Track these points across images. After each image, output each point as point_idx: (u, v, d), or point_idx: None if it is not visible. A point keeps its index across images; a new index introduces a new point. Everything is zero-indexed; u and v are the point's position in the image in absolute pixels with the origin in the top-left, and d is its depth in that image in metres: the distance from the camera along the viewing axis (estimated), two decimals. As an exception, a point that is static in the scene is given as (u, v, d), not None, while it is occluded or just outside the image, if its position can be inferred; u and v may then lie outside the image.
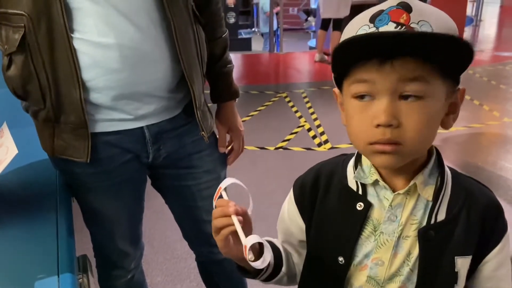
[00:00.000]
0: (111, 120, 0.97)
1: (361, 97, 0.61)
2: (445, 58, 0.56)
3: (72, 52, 0.87)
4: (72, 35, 0.87)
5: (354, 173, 0.70)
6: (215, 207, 0.67)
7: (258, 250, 0.69)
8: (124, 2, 0.89)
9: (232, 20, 9.23)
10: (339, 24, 5.67)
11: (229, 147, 1.24)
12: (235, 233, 0.64)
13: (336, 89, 0.69)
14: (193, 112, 1.04)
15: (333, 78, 0.66)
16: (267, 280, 0.77)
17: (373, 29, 0.57)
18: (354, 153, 0.73)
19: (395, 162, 0.61)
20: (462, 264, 0.67)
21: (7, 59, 0.90)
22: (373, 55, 0.57)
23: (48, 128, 0.96)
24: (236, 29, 9.31)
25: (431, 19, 0.57)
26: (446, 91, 0.61)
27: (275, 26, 8.09)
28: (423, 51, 0.55)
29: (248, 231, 0.65)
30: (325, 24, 5.97)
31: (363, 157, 0.71)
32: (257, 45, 9.52)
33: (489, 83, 5.08)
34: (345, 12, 5.67)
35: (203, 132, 1.08)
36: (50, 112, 0.92)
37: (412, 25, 0.56)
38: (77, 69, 0.88)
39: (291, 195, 0.79)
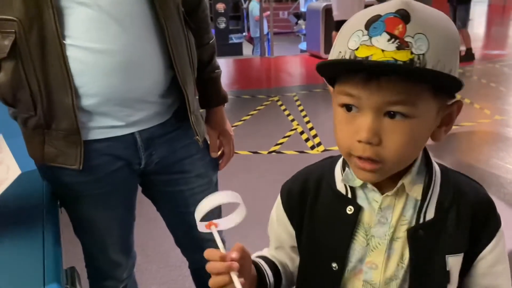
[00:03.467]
0: (102, 127, 0.96)
1: (348, 108, 0.59)
2: (432, 84, 0.55)
3: (65, 58, 0.86)
4: (63, 41, 0.86)
5: (342, 175, 0.69)
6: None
7: (256, 276, 0.68)
8: (116, 7, 0.88)
9: (222, 25, 9.25)
10: None
11: (220, 152, 1.24)
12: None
13: (331, 88, 0.68)
14: (183, 117, 1.04)
15: (325, 80, 0.66)
16: None
17: (366, 38, 0.54)
18: (341, 155, 0.72)
19: (375, 179, 0.61)
20: (454, 262, 0.66)
21: None
22: (361, 71, 0.56)
23: (38, 135, 0.94)
24: (226, 34, 9.34)
25: (430, 32, 0.54)
26: (438, 106, 0.59)
27: (265, 30, 8.11)
28: (413, 77, 0.54)
29: (247, 267, 0.63)
30: (338, 26, 5.96)
31: None
32: (248, 50, 9.54)
33: (479, 81, 5.12)
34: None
35: (197, 137, 1.07)
36: (41, 119, 0.91)
37: (406, 39, 0.53)
38: (69, 75, 0.87)
39: (278, 201, 0.77)
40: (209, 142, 1.18)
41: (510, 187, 2.67)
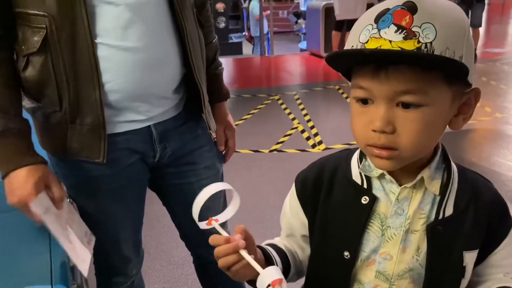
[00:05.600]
0: (122, 122, 0.99)
1: (363, 101, 0.61)
2: (440, 69, 0.56)
3: (95, 55, 0.89)
4: (95, 40, 0.88)
5: (359, 166, 0.70)
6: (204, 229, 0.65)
7: (264, 260, 0.69)
8: (141, 7, 0.92)
9: (222, 25, 9.25)
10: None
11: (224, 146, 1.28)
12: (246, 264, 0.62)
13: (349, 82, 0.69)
14: (193, 110, 1.10)
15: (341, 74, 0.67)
16: None
17: (375, 31, 0.56)
18: (358, 147, 0.72)
19: (392, 166, 0.62)
20: (469, 258, 0.68)
21: (23, 60, 0.90)
22: (369, 62, 0.57)
23: (61, 130, 0.95)
24: (226, 33, 9.33)
25: (437, 20, 0.55)
26: (453, 94, 0.60)
27: (265, 30, 8.11)
28: (417, 63, 0.55)
29: (252, 248, 0.64)
30: (338, 25, 5.95)
31: None
32: (248, 49, 9.54)
33: (480, 79, 5.12)
34: (362, 12, 5.66)
35: (210, 130, 1.14)
36: (66, 113, 0.93)
37: (413, 29, 0.54)
38: (98, 71, 0.90)
39: (293, 190, 0.78)
40: (215, 136, 1.22)
41: (511, 185, 2.68)
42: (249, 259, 0.60)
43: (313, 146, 3.43)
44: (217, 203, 1.23)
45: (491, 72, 5.48)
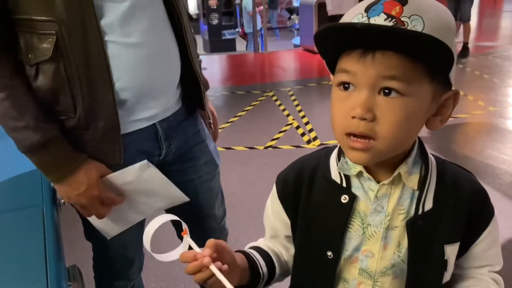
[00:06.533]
0: (131, 122, 0.97)
1: (345, 87, 0.60)
2: (426, 56, 0.56)
3: (106, 55, 0.87)
4: (104, 38, 0.88)
5: (337, 165, 0.70)
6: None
7: (247, 265, 0.69)
8: (142, 1, 0.91)
9: (215, 22, 9.21)
10: None
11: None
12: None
13: (332, 76, 0.69)
14: (191, 105, 1.12)
15: (326, 65, 0.66)
16: (266, 285, 0.77)
17: (365, 19, 0.57)
18: (337, 146, 0.73)
19: (367, 160, 0.61)
20: (451, 251, 0.68)
21: (33, 69, 0.86)
22: (357, 46, 0.57)
23: (74, 137, 0.92)
24: (219, 30, 9.29)
25: (425, 14, 0.56)
26: (434, 91, 0.60)
27: (259, 26, 8.09)
28: (404, 47, 0.55)
29: (227, 258, 0.64)
30: (331, 21, 5.94)
31: None
32: (242, 46, 9.52)
33: (473, 73, 5.14)
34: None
35: (210, 120, 1.17)
36: (80, 120, 0.90)
37: (403, 19, 0.55)
38: (109, 72, 0.88)
39: (274, 191, 0.78)
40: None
41: (505, 178, 2.70)
42: (218, 274, 0.60)
43: (308, 142, 3.43)
44: (216, 198, 1.23)
45: (484, 66, 5.51)
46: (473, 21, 6.11)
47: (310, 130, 3.65)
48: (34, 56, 0.85)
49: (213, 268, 0.60)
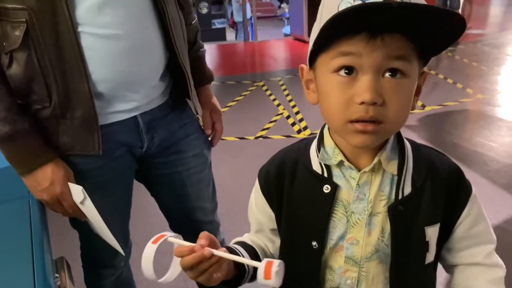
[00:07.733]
0: (109, 113, 0.97)
1: (346, 72, 0.58)
2: (436, 33, 0.55)
3: (79, 45, 0.86)
4: (77, 29, 0.86)
5: (318, 155, 0.70)
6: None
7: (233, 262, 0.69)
8: None
9: (205, 11, 9.11)
10: None
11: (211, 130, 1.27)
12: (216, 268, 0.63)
13: (304, 66, 0.67)
14: (179, 98, 1.09)
15: (308, 53, 0.64)
16: (252, 280, 0.76)
17: (358, 2, 0.54)
18: (315, 136, 0.73)
19: (373, 142, 0.61)
20: (432, 233, 0.69)
21: (7, 57, 0.87)
22: (363, 29, 0.55)
23: (51, 126, 0.93)
24: (209, 19, 9.21)
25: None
26: (419, 72, 0.62)
27: (248, 15, 8.03)
28: (413, 27, 0.54)
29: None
30: None
31: (325, 138, 0.71)
32: (232, 35, 9.45)
33: (462, 61, 5.17)
34: None
35: (198, 115, 1.14)
36: (56, 109, 0.90)
37: None
38: (84, 62, 0.87)
39: (257, 185, 0.78)
40: (201, 120, 1.22)
41: (493, 165, 2.73)
42: (228, 256, 0.60)
43: (299, 131, 3.43)
44: (206, 191, 1.23)
45: (472, 54, 5.54)
46: (460, 9, 6.14)
47: (301, 120, 3.65)
48: (8, 44, 0.85)
49: (219, 253, 0.61)
